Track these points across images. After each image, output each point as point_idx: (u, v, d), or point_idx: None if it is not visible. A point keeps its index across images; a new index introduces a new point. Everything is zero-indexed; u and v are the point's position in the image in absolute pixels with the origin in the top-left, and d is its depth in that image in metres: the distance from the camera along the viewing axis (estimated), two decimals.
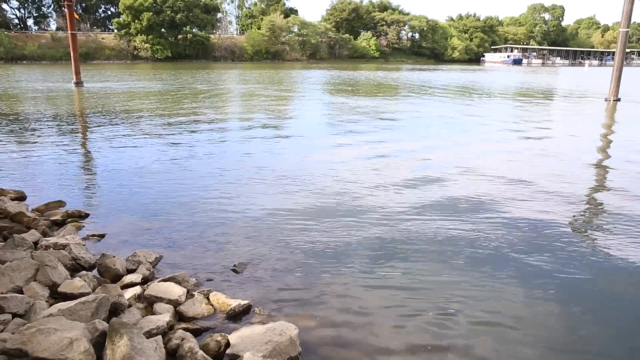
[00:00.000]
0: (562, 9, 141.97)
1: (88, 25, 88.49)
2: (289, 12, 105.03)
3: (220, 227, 6.24)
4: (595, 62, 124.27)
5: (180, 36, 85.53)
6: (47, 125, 14.80)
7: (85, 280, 4.28)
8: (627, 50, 55.46)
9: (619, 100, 23.34)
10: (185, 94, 25.52)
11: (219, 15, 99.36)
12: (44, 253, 4.56)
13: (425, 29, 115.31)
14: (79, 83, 29.33)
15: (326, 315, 4.21)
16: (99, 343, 3.24)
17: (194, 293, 4.41)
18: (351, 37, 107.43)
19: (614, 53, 25.71)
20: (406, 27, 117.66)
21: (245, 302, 4.27)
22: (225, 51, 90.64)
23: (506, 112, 20.25)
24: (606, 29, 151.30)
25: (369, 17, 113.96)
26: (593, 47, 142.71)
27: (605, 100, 23.80)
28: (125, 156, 10.47)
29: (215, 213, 6.76)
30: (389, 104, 21.91)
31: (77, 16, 34.48)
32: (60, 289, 4.11)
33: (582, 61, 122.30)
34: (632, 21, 23.49)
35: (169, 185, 8.22)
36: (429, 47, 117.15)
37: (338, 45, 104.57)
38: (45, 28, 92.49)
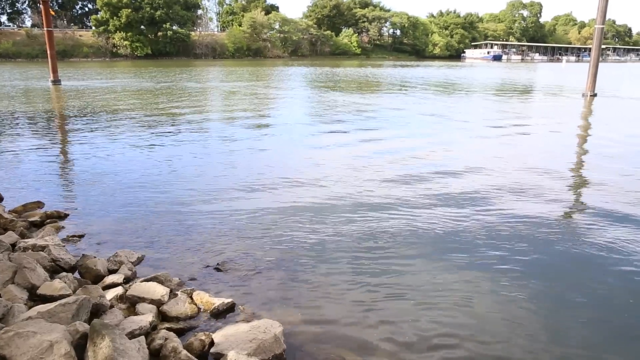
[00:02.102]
0: (540, 5, 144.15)
1: (65, 22, 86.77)
2: (270, 9, 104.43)
3: (203, 226, 6.20)
4: (573, 58, 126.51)
5: (160, 33, 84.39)
6: (24, 125, 14.49)
7: (65, 282, 4.22)
8: (603, 46, 56.51)
9: (595, 95, 23.81)
10: (167, 92, 25.22)
11: (199, 12, 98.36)
12: (22, 255, 4.47)
13: (406, 25, 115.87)
14: (56, 81, 28.75)
15: (311, 312, 4.22)
16: (81, 345, 3.20)
17: (177, 292, 4.38)
18: (333, 33, 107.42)
19: (590, 49, 26.22)
20: (387, 24, 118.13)
21: (229, 300, 4.26)
22: (206, 48, 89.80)
23: (488, 108, 20.49)
24: (582, 25, 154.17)
25: (350, 13, 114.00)
26: (570, 43, 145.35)
27: (583, 95, 24.26)
28: (105, 156, 10.31)
29: (198, 212, 6.71)
30: (377, 100, 21.98)
31: (53, 13, 33.79)
32: (39, 291, 4.04)
33: (560, 57, 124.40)
34: (607, 18, 23.96)
35: (150, 184, 8.12)
36: (410, 43, 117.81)
37: (320, 42, 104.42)
38: (20, 25, 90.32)
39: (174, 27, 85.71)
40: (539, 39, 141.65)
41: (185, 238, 5.80)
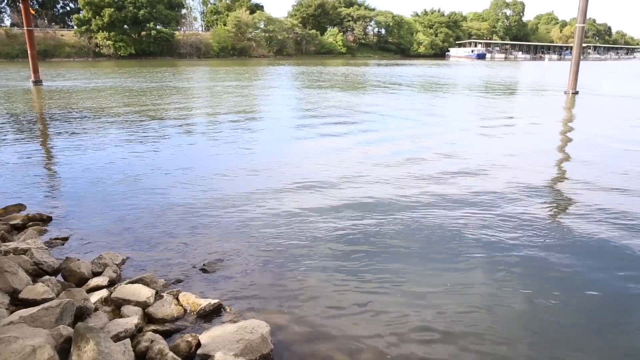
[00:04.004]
0: (523, 4, 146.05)
1: (46, 21, 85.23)
2: (255, 8, 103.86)
3: (188, 226, 6.15)
4: (555, 56, 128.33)
5: (143, 33, 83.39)
6: (4, 126, 14.22)
7: (48, 285, 4.15)
8: (584, 45, 57.35)
9: (577, 93, 24.18)
10: (152, 92, 24.95)
11: (184, 11, 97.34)
12: (3, 259, 4.39)
13: (391, 24, 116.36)
14: (37, 82, 28.25)
15: (298, 311, 4.22)
16: (64, 349, 3.15)
17: (162, 294, 4.34)
18: (318, 32, 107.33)
19: (571, 48, 26.62)
20: (372, 23, 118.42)
21: (216, 301, 4.24)
22: (191, 48, 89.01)
23: (472, 105, 20.68)
24: (564, 24, 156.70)
25: (335, 12, 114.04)
26: (552, 41, 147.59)
27: (565, 93, 24.62)
28: (88, 157, 10.17)
29: (183, 212, 6.66)
30: (365, 99, 22.04)
31: (33, 12, 33.26)
32: (21, 296, 3.97)
33: (543, 55, 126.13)
34: (587, 17, 24.33)
35: (135, 185, 8.04)
36: (395, 42, 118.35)
37: (305, 41, 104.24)
38: None
39: (158, 27, 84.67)
40: (522, 38, 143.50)
41: (171, 239, 5.75)
